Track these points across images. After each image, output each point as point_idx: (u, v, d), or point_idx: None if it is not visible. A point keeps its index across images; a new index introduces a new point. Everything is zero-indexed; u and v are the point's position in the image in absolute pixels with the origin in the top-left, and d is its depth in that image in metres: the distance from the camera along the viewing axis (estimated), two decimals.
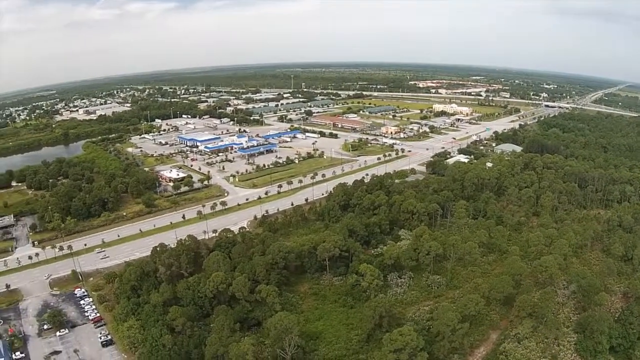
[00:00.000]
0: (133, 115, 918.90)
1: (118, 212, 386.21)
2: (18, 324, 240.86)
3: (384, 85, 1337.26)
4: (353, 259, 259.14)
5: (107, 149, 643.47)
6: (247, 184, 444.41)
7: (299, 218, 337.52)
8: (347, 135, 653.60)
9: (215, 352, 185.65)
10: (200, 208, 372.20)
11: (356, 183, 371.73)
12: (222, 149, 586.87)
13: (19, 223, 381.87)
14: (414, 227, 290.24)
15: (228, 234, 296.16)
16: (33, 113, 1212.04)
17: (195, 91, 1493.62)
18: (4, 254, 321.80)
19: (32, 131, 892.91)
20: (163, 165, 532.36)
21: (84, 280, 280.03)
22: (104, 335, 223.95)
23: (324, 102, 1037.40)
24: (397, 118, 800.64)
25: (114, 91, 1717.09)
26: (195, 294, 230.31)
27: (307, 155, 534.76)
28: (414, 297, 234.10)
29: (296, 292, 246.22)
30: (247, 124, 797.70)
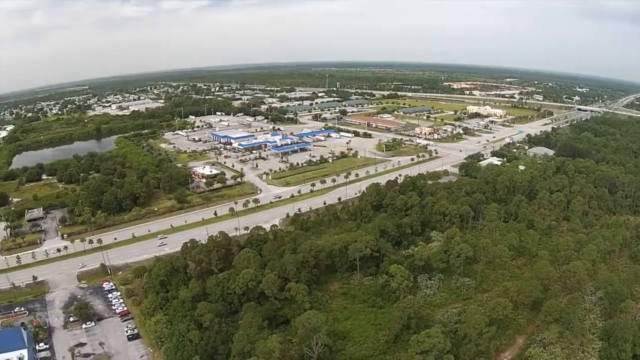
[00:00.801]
0: (166, 112, 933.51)
1: (149, 207, 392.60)
2: (43, 316, 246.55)
3: (419, 85, 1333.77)
4: (384, 259, 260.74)
5: (140, 145, 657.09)
6: (280, 182, 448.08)
7: (331, 217, 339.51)
8: (381, 135, 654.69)
9: (242, 349, 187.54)
10: (232, 205, 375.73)
11: (389, 183, 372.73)
12: (255, 147, 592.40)
13: (48, 216, 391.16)
14: (446, 228, 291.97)
15: (260, 232, 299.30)
16: (65, 108, 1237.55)
17: (229, 89, 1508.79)
18: (32, 246, 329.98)
19: (63, 125, 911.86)
20: (196, 161, 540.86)
21: (112, 274, 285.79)
22: (131, 329, 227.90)
23: (358, 101, 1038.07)
24: (431, 119, 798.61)
25: (147, 87, 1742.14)
26: (225, 291, 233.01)
27: (341, 155, 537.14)
28: (443, 299, 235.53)
29: (326, 291, 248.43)
30: (281, 122, 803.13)
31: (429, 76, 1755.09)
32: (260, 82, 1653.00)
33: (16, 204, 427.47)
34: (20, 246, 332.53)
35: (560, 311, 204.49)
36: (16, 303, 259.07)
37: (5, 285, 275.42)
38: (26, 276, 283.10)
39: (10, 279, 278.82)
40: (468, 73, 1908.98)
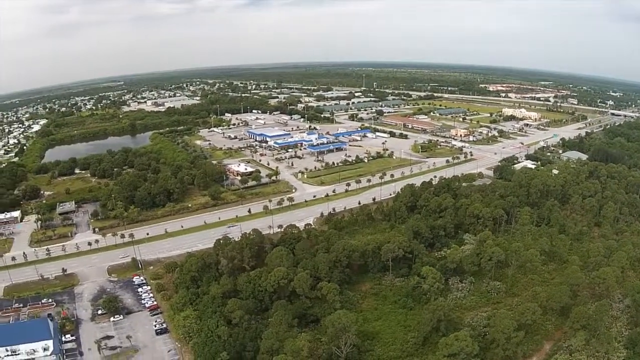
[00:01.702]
0: (202, 109, 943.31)
1: (183, 203, 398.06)
2: (71, 308, 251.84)
3: (455, 87, 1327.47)
4: (416, 260, 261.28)
5: (175, 141, 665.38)
6: (315, 181, 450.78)
7: (365, 217, 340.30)
8: (417, 136, 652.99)
9: (271, 347, 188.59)
10: (266, 203, 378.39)
11: (424, 185, 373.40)
12: (291, 145, 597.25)
13: (80, 210, 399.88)
14: (479, 231, 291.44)
15: (293, 230, 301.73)
16: (99, 103, 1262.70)
17: (266, 87, 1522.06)
18: (63, 239, 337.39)
19: (98, 121, 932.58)
20: (231, 159, 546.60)
21: (143, 268, 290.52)
22: (159, 324, 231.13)
23: (394, 102, 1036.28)
24: (466, 121, 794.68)
25: (183, 84, 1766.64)
26: (256, 288, 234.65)
27: (377, 155, 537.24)
28: (473, 303, 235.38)
29: (357, 291, 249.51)
30: (317, 121, 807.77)
31: (465, 78, 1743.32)
32: (297, 81, 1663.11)
33: (47, 198, 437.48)
34: (51, 239, 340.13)
35: (588, 318, 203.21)
36: (44, 294, 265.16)
37: (34, 277, 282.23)
38: (55, 268, 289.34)
39: (39, 270, 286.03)
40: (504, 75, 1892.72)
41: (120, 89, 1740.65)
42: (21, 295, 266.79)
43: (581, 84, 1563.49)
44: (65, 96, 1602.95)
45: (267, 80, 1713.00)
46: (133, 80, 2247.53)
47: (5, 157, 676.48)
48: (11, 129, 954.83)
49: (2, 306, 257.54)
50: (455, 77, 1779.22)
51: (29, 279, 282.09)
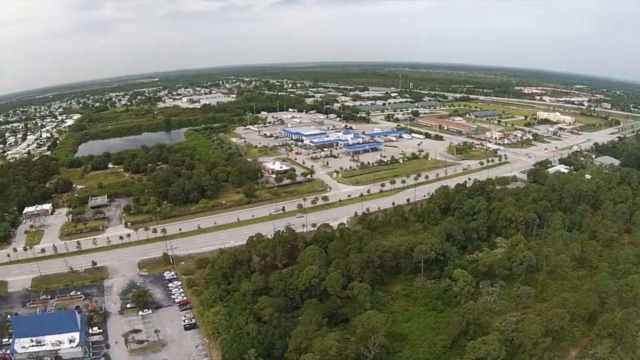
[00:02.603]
0: (238, 106, 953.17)
1: (217, 200, 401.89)
2: (100, 301, 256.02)
3: (490, 89, 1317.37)
4: (448, 263, 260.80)
5: (210, 138, 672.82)
6: (350, 180, 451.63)
7: (399, 218, 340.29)
8: (452, 138, 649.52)
9: (299, 345, 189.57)
10: (301, 201, 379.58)
11: (458, 187, 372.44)
12: (327, 145, 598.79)
13: (112, 204, 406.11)
14: (511, 235, 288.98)
15: (327, 229, 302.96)
16: (134, 99, 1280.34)
17: (302, 86, 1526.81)
18: (94, 233, 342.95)
19: (132, 116, 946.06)
20: (266, 157, 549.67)
21: (174, 264, 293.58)
22: (188, 319, 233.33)
23: (430, 103, 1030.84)
24: (501, 123, 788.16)
25: (219, 82, 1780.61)
26: (287, 286, 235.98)
27: (412, 156, 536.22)
28: (503, 307, 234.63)
29: (388, 292, 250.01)
30: (353, 121, 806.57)
31: (500, 80, 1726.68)
32: (333, 80, 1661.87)
33: (80, 191, 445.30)
34: (82, 232, 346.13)
35: (614, 326, 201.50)
36: (73, 287, 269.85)
37: (63, 269, 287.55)
38: (85, 261, 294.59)
39: (69, 263, 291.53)
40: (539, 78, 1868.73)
41: (156, 85, 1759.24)
42: (49, 287, 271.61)
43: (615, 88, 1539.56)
44: (100, 91, 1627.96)
45: (303, 79, 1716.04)
46: (168, 77, 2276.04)
47: (37, 150, 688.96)
48: (44, 123, 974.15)
49: (30, 297, 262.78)
50: (490, 79, 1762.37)
51: (57, 271, 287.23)
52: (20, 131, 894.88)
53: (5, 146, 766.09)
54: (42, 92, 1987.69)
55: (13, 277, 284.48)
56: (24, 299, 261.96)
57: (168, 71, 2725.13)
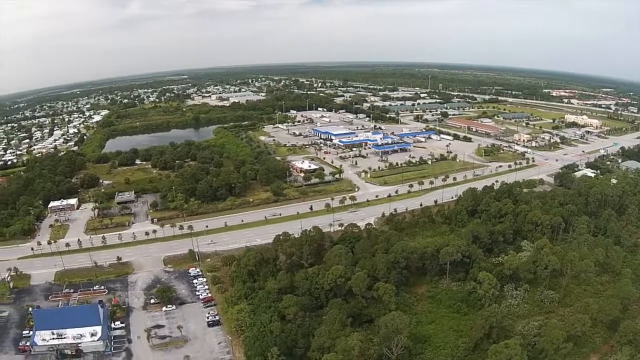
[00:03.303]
0: (267, 105, 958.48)
1: (245, 198, 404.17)
2: (123, 295, 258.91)
3: (519, 91, 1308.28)
4: (473, 265, 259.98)
5: (239, 136, 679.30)
6: (378, 180, 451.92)
7: (426, 219, 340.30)
8: (480, 139, 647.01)
9: (322, 344, 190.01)
10: (329, 201, 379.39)
11: (485, 189, 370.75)
12: (356, 144, 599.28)
13: (139, 200, 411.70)
14: (537, 238, 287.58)
15: (354, 229, 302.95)
16: (163, 96, 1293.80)
17: (332, 85, 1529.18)
18: (119, 228, 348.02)
19: (161, 113, 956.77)
20: (295, 155, 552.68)
21: (200, 260, 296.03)
22: (212, 316, 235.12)
23: (459, 104, 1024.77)
24: (529, 126, 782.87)
25: (248, 80, 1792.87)
26: (313, 285, 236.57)
27: (440, 157, 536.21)
28: (526, 311, 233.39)
29: (413, 293, 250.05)
30: (382, 121, 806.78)
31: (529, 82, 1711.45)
32: (362, 80, 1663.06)
33: (106, 187, 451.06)
34: (107, 227, 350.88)
35: (635, 333, 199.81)
36: (96, 281, 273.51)
37: (87, 264, 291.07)
38: (110, 256, 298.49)
39: (93, 257, 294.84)
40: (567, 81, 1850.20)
41: (185, 83, 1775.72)
42: (73, 281, 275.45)
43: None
44: (128, 88, 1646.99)
45: (332, 79, 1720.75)
46: (198, 75, 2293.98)
47: (64, 145, 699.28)
48: (71, 119, 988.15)
49: (52, 291, 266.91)
50: (519, 81, 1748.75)
51: (81, 265, 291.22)
52: (47, 126, 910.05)
53: (32, 141, 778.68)
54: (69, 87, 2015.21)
55: (36, 270, 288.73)
56: (46, 292, 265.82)
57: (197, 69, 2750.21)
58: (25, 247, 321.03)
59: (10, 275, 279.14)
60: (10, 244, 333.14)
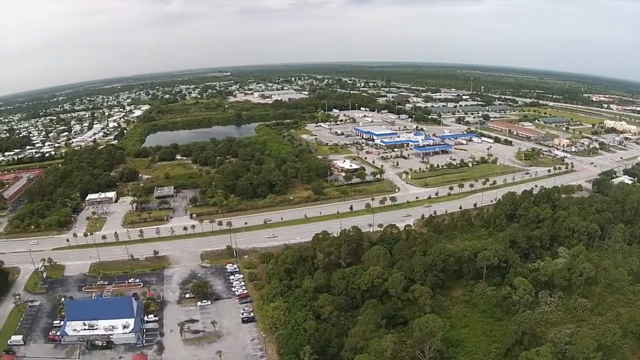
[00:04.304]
0: (310, 103, 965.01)
1: (285, 195, 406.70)
2: (158, 289, 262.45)
3: (559, 95, 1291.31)
4: (510, 270, 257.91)
5: (281, 134, 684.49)
6: (419, 182, 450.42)
7: (464, 222, 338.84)
8: (521, 143, 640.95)
9: (356, 345, 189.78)
10: (369, 201, 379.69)
11: (524, 194, 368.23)
12: (397, 145, 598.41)
13: (178, 195, 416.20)
14: (573, 245, 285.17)
15: (393, 230, 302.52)
16: (205, 92, 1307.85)
17: (374, 85, 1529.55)
18: (158, 222, 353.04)
19: (202, 109, 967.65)
20: (337, 154, 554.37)
21: (238, 257, 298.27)
22: (247, 312, 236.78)
23: (501, 107, 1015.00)
24: (569, 131, 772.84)
25: (291, 78, 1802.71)
26: (349, 285, 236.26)
27: (481, 160, 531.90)
28: (559, 318, 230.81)
29: (449, 296, 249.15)
30: (424, 122, 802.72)
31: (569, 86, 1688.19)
32: (405, 81, 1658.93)
33: (145, 181, 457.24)
34: (145, 221, 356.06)
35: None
36: (132, 274, 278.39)
37: (123, 257, 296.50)
38: (147, 250, 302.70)
39: (130, 251, 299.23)
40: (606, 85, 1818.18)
41: (227, 80, 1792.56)
42: (107, 273, 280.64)
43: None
44: (170, 84, 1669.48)
45: (375, 78, 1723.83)
46: (240, 72, 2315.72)
47: (103, 139, 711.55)
48: (111, 113, 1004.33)
49: (86, 282, 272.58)
50: (560, 85, 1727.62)
51: (117, 258, 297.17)
52: (87, 120, 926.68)
53: (70, 134, 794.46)
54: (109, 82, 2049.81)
55: (71, 261, 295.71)
56: (80, 284, 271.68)
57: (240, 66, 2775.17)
58: (60, 239, 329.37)
59: (44, 266, 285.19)
60: (45, 234, 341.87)
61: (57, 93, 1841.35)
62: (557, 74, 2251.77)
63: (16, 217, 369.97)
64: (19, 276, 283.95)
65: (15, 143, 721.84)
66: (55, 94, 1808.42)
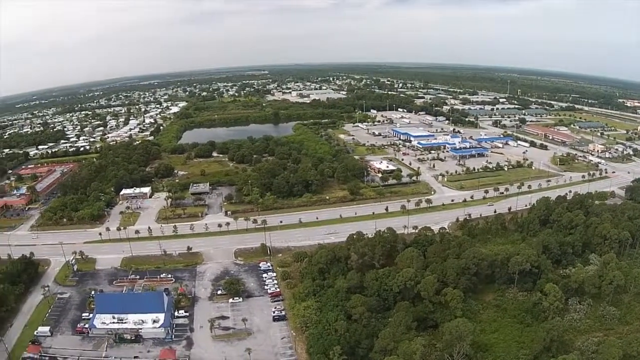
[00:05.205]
0: (348, 103, 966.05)
1: (321, 195, 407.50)
2: (190, 285, 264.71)
3: (595, 100, 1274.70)
4: (541, 276, 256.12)
5: (318, 133, 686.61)
6: (454, 185, 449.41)
7: (499, 226, 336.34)
8: (556, 148, 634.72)
9: (385, 346, 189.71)
10: (404, 203, 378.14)
11: (558, 199, 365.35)
12: (434, 147, 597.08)
13: (214, 192, 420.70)
14: (604, 252, 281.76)
15: (427, 232, 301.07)
16: (243, 90, 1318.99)
17: (412, 86, 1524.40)
18: (192, 219, 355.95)
19: (240, 107, 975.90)
20: (374, 155, 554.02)
21: (271, 255, 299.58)
22: (278, 310, 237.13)
23: (537, 111, 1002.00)
24: (604, 136, 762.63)
25: (329, 77, 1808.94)
26: (382, 286, 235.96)
27: (517, 164, 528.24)
28: (587, 326, 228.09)
29: (480, 301, 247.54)
30: (461, 124, 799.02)
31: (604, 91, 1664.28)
32: (443, 82, 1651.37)
33: (181, 177, 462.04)
34: (180, 217, 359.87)
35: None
36: (164, 269, 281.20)
37: (155, 252, 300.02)
38: (180, 246, 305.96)
39: (163, 246, 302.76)
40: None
41: (265, 78, 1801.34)
42: (139, 267, 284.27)
43: None
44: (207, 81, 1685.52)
45: (413, 80, 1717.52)
46: (278, 70, 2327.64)
47: (139, 135, 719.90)
48: (148, 109, 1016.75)
49: (117, 276, 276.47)
50: (595, 89, 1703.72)
51: (150, 253, 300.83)
52: (122, 115, 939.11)
53: (106, 129, 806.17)
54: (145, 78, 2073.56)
55: (103, 255, 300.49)
56: (111, 277, 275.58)
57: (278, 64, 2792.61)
58: (93, 232, 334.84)
59: (75, 259, 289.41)
60: (78, 228, 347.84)
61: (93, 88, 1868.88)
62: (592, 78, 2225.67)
63: (48, 210, 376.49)
64: (49, 268, 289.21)
65: (50, 137, 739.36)
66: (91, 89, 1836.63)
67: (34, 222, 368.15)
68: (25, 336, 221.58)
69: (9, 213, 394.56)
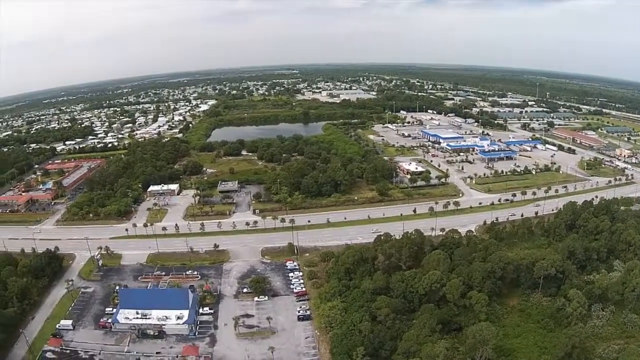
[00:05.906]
0: (377, 104, 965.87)
1: (349, 195, 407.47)
2: (216, 282, 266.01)
3: (622, 104, 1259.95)
4: (566, 281, 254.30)
5: (348, 133, 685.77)
6: (483, 187, 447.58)
7: (525, 230, 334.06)
8: (583, 152, 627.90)
9: (409, 349, 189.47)
10: (432, 204, 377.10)
11: (585, 204, 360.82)
12: (463, 149, 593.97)
13: (242, 190, 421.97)
14: (629, 259, 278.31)
15: (454, 235, 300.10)
16: (273, 89, 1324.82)
17: (442, 87, 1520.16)
18: (220, 216, 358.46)
19: (269, 106, 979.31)
20: (403, 156, 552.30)
21: (298, 254, 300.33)
22: (303, 310, 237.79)
23: (565, 114, 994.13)
24: (631, 141, 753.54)
25: (359, 78, 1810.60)
26: (407, 288, 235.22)
27: (544, 168, 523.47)
28: (609, 333, 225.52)
29: (504, 305, 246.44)
30: (490, 127, 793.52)
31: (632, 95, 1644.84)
32: (473, 84, 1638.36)
33: (209, 175, 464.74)
34: (207, 214, 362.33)
35: None
36: (190, 266, 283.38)
37: (182, 249, 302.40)
38: (207, 243, 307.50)
39: (190, 243, 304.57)
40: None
41: (295, 78, 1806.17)
42: (165, 264, 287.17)
43: None
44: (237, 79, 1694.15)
45: (443, 81, 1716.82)
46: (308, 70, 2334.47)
47: (168, 132, 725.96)
48: (177, 107, 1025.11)
49: (143, 272, 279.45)
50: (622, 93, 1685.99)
51: (176, 250, 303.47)
52: (151, 112, 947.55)
53: (134, 125, 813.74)
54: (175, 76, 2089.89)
55: (129, 251, 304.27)
56: (136, 273, 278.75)
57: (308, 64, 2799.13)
58: (119, 228, 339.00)
59: (100, 254, 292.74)
60: (104, 223, 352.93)
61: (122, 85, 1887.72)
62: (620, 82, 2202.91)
63: (74, 205, 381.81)
64: (73, 262, 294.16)
65: (77, 132, 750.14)
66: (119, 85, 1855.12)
67: (59, 216, 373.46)
68: (47, 329, 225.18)
69: (35, 207, 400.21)
